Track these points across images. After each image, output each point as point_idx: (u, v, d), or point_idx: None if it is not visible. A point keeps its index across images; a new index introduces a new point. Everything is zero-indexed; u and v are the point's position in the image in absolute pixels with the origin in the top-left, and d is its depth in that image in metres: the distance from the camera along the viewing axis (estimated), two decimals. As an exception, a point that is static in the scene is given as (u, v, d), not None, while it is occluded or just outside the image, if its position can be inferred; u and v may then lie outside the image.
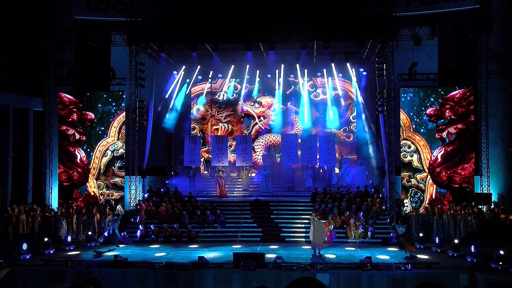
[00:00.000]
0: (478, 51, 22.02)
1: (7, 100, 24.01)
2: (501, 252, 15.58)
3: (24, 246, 17.37)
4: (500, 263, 15.13)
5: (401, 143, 22.17)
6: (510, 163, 22.95)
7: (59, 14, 23.95)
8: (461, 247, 17.68)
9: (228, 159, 25.19)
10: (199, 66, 25.14)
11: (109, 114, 23.48)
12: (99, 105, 23.54)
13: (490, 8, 21.44)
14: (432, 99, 22.56)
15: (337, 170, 25.25)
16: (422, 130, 22.56)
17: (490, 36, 21.72)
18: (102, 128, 23.35)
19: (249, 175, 25.44)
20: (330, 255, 17.38)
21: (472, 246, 16.75)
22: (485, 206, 20.68)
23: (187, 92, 26.70)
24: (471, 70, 22.46)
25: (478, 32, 21.51)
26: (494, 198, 21.92)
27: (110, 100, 23.72)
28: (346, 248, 18.73)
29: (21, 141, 25.35)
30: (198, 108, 28.02)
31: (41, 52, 23.49)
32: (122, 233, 20.24)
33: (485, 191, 21.83)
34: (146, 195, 23.09)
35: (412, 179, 22.32)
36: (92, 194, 23.01)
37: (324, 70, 24.83)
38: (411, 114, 22.64)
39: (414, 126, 22.49)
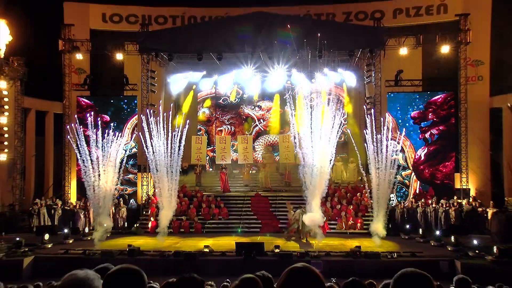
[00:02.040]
0: (458, 59, 22.09)
1: (30, 104, 24.11)
2: (476, 242, 15.79)
3: (46, 237, 17.48)
4: (476, 251, 15.28)
5: (388, 143, 22.14)
6: (486, 162, 23.04)
7: (77, 25, 23.95)
8: (442, 237, 17.73)
9: (231, 158, 25.21)
10: (204, 72, 25.11)
11: (123, 116, 23.52)
12: (114, 108, 23.58)
13: (468, 21, 21.55)
14: (415, 104, 22.57)
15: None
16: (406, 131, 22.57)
17: (469, 46, 21.81)
18: (116, 129, 23.34)
19: (250, 172, 25.45)
20: (323, 245, 17.38)
21: (452, 236, 16.85)
22: (464, 200, 20.74)
23: (193, 97, 26.68)
24: (452, 77, 22.53)
25: (457, 42, 21.59)
26: (472, 193, 22.00)
27: (123, 104, 23.76)
28: (337, 238, 18.81)
29: (42, 141, 25.46)
30: (204, 111, 28.05)
31: (61, 60, 23.58)
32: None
33: (464, 187, 21.92)
34: (156, 190, 23.10)
35: (397, 176, 22.33)
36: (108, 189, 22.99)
37: (318, 76, 24.77)
38: (398, 116, 22.65)
39: (399, 127, 22.49)
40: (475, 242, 15.85)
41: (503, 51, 21.87)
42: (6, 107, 22.06)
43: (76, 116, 22.80)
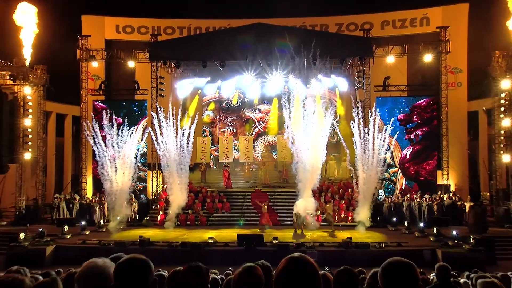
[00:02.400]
0: (439, 67, 22.11)
1: (51, 108, 24.16)
2: (455, 233, 15.87)
3: (66, 228, 17.57)
4: (455, 241, 15.36)
5: (374, 141, 22.09)
6: (465, 160, 23.08)
7: (93, 36, 23.97)
8: (425, 229, 17.76)
9: (233, 156, 25.22)
10: (209, 78, 25.11)
11: (134, 118, 23.49)
12: (126, 111, 23.56)
13: (447, 32, 21.62)
14: (401, 107, 22.57)
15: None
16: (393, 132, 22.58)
17: (449, 55, 21.85)
18: (128, 130, 23.36)
19: (250, 169, 25.46)
20: (317, 236, 17.45)
21: (434, 228, 16.88)
22: (445, 195, 20.75)
23: (198, 100, 26.71)
24: (434, 83, 22.55)
25: (438, 52, 21.63)
26: (452, 188, 22.02)
27: (134, 107, 23.75)
28: (331, 230, 18.71)
29: (62, 141, 25.49)
30: (208, 114, 28.07)
31: (78, 68, 23.61)
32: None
33: (445, 183, 21.93)
34: (165, 186, 23.14)
35: (385, 173, 22.35)
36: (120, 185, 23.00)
37: (313, 81, 24.77)
38: (386, 118, 22.63)
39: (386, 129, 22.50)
40: (454, 233, 15.92)
41: (479, 60, 21.94)
42: (30, 110, 22.11)
43: (93, 116, 22.96)
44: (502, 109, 20.27)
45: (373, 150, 19.58)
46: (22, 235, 15.95)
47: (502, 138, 20.36)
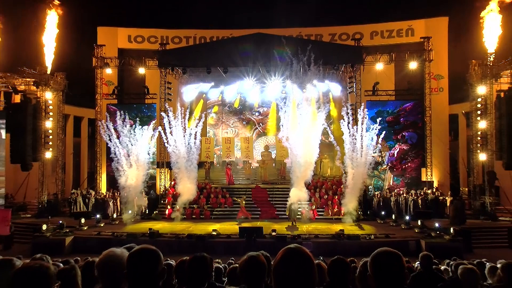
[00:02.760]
0: (423, 74, 22.14)
1: (69, 111, 24.20)
2: (437, 225, 15.91)
3: (82, 221, 17.61)
4: (437, 232, 15.37)
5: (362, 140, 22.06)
6: (446, 158, 23.11)
7: (108, 45, 24.03)
8: (411, 221, 17.77)
9: (235, 155, 25.21)
10: (212, 83, 25.13)
11: (144, 119, 23.51)
12: (137, 113, 23.58)
13: (430, 42, 21.70)
14: (389, 110, 22.57)
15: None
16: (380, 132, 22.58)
17: (431, 63, 21.91)
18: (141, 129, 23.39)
19: (251, 167, 25.44)
20: (312, 228, 17.46)
21: (419, 220, 16.89)
22: (429, 191, 20.77)
23: (203, 104, 26.69)
24: (419, 88, 22.57)
25: (422, 60, 21.68)
26: (435, 184, 22.03)
27: (144, 109, 23.77)
28: (324, 223, 18.85)
29: (79, 141, 25.51)
30: (212, 116, 28.05)
31: (94, 74, 23.66)
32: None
33: (429, 179, 21.93)
34: (172, 183, 23.15)
35: (375, 171, 22.36)
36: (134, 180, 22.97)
37: (308, 86, 24.75)
38: (375, 120, 22.62)
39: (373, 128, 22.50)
40: (436, 225, 15.94)
41: (458, 68, 22.08)
42: (51, 113, 22.18)
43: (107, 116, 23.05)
44: (479, 112, 20.39)
45: (361, 148, 19.61)
46: (44, 227, 16.07)
47: (479, 138, 20.48)
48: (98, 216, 18.89)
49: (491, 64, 19.70)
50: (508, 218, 18.78)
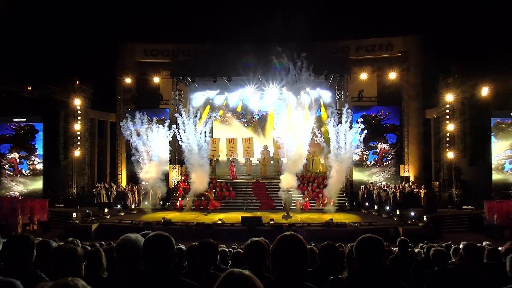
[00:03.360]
0: (401, 82, 22.21)
1: (94, 115, 24.28)
2: (413, 214, 15.89)
3: (105, 210, 17.62)
4: (413, 220, 15.42)
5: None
6: (421, 156, 23.16)
7: (127, 58, 24.18)
8: (390, 211, 17.80)
9: (238, 153, 25.16)
10: (218, 90, 25.11)
11: (159, 123, 23.39)
12: (152, 117, 23.50)
13: (407, 55, 21.82)
14: (372, 114, 22.55)
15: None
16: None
17: (409, 74, 22.08)
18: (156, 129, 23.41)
19: (252, 164, 25.37)
20: (305, 218, 17.45)
21: (397, 210, 16.92)
22: (406, 184, 20.77)
23: (210, 108, 26.61)
24: (398, 95, 22.60)
25: (401, 70, 21.79)
26: (411, 179, 22.03)
27: (159, 114, 23.68)
28: (316, 213, 18.84)
29: (102, 142, 25.52)
30: (218, 119, 27.93)
31: (115, 83, 23.74)
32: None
33: (406, 175, 21.96)
34: (183, 178, 23.14)
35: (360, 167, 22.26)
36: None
37: (302, 93, 24.71)
38: (360, 122, 22.61)
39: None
40: (412, 214, 16.00)
41: (430, 78, 22.08)
42: (79, 118, 22.31)
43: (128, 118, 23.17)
44: (447, 116, 20.82)
45: (345, 146, 19.73)
46: (74, 215, 16.23)
47: (447, 139, 20.89)
48: (118, 206, 18.94)
49: (457, 75, 20.02)
50: (470, 207, 18.93)
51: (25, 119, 21.85)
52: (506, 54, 17.68)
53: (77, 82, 22.15)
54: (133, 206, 20.13)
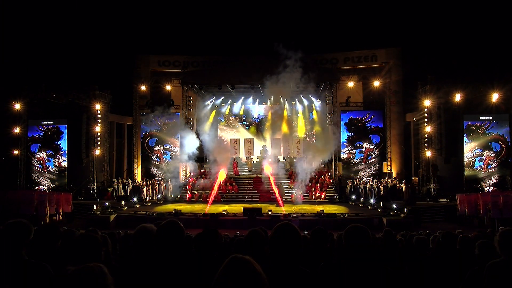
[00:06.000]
0: (384, 89, 22.21)
1: (113, 118, 24.27)
2: (395, 205, 15.87)
3: (123, 203, 17.58)
4: (395, 211, 15.36)
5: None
6: (402, 154, 23.14)
7: (143, 68, 24.23)
8: (375, 203, 17.76)
9: (240, 152, 25.07)
10: (223, 97, 25.07)
11: (171, 125, 23.44)
12: (164, 121, 23.51)
13: (389, 66, 21.83)
14: (359, 117, 22.57)
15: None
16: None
17: (391, 82, 22.06)
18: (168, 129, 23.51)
19: (252, 162, 25.32)
20: (299, 209, 17.43)
21: (381, 202, 16.88)
22: (389, 179, 20.75)
23: (215, 113, 26.58)
24: (381, 100, 22.59)
25: (384, 79, 21.79)
26: (393, 174, 22.00)
27: (170, 118, 23.68)
28: (309, 205, 18.80)
29: (120, 142, 25.50)
30: (223, 122, 27.89)
31: (132, 90, 23.73)
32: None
33: (389, 171, 21.94)
34: (192, 173, 23.08)
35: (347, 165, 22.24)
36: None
37: (296, 100, 24.76)
38: (348, 125, 22.64)
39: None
40: (394, 206, 15.93)
41: (410, 86, 22.09)
42: (99, 120, 22.25)
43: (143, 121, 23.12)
44: (425, 120, 20.77)
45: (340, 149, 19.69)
46: (94, 207, 16.12)
47: (425, 139, 20.86)
48: (134, 199, 18.90)
49: (433, 83, 20.00)
50: (445, 200, 18.90)
51: (52, 122, 22.02)
52: (475, 65, 17.87)
53: (98, 90, 22.12)
54: (147, 198, 20.10)
